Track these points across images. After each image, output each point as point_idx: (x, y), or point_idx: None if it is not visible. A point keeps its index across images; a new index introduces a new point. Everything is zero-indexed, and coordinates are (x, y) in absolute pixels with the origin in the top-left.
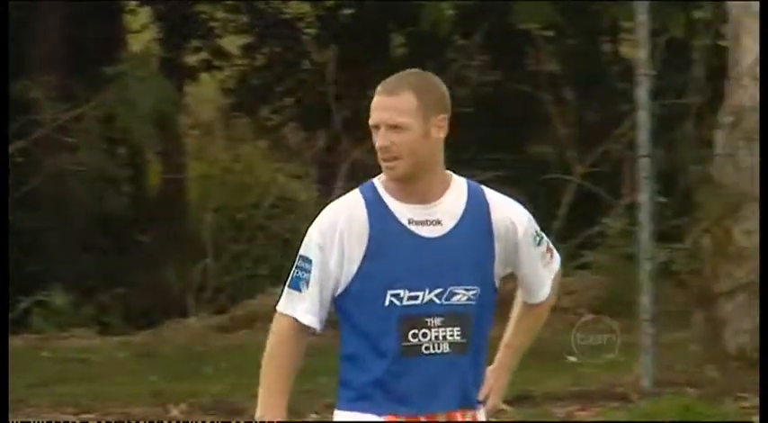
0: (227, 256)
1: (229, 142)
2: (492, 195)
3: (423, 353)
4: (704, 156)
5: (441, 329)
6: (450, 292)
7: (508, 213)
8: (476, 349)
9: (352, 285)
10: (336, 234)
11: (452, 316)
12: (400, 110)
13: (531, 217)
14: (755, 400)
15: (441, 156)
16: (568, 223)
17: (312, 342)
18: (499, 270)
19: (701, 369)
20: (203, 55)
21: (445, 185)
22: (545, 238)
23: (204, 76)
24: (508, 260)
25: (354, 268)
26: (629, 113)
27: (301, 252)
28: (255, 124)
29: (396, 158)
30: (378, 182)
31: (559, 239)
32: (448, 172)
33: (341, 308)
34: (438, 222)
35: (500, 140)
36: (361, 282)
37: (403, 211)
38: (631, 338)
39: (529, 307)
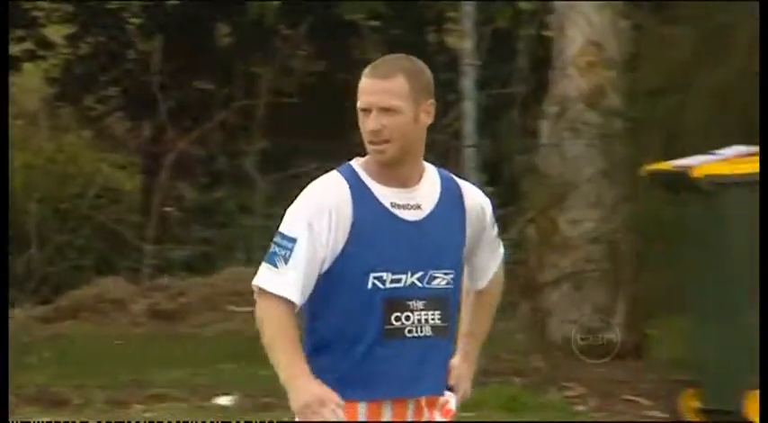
0: (51, 246)
1: (53, 132)
2: (460, 181)
3: (405, 336)
4: (529, 146)
5: (423, 313)
6: (430, 275)
7: (478, 199)
8: (452, 333)
9: (335, 267)
10: (325, 213)
11: (433, 299)
12: (393, 93)
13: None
14: (580, 389)
15: (423, 141)
16: None
17: (138, 332)
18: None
19: (526, 359)
20: (27, 44)
21: (422, 170)
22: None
23: (28, 65)
24: (472, 245)
25: (339, 249)
26: (455, 103)
27: (283, 230)
28: (80, 114)
29: (386, 142)
30: (356, 165)
31: None
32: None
33: (321, 291)
34: (418, 206)
35: (325, 130)
36: (343, 263)
37: (385, 194)
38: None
39: (477, 295)
